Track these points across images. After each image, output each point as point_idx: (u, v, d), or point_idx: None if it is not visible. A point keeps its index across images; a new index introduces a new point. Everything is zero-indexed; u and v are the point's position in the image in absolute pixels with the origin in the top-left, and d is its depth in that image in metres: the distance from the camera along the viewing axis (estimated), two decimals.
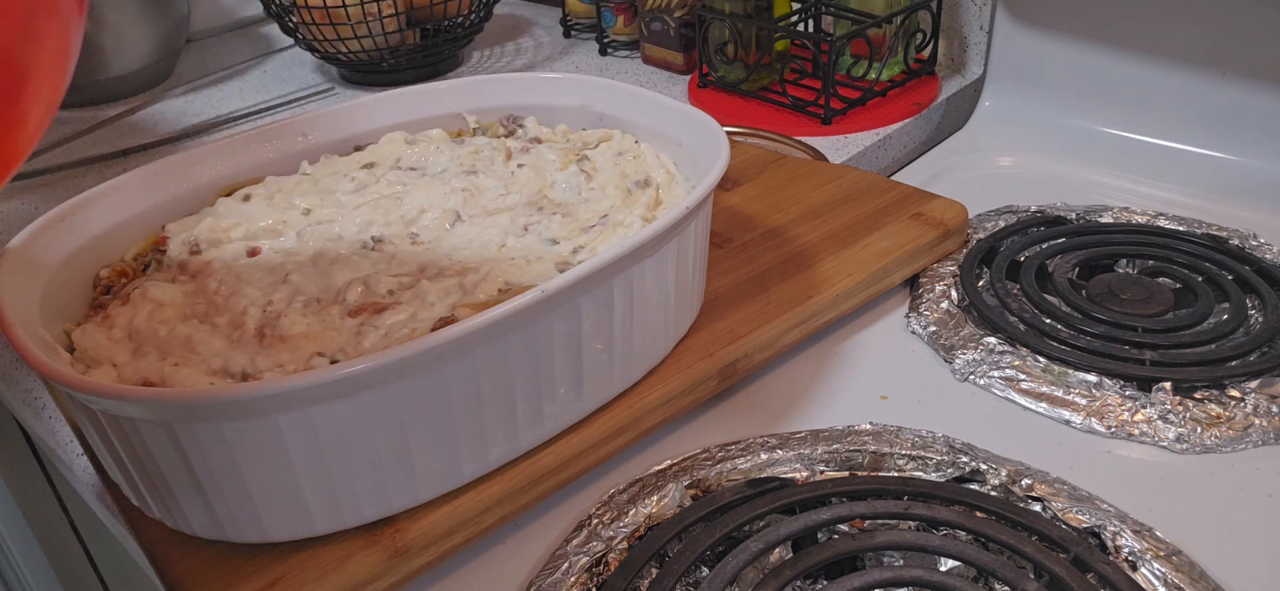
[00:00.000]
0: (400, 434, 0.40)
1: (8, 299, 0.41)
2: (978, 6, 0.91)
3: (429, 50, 1.02)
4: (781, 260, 0.59)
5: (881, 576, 0.41)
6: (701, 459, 0.48)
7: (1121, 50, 0.76)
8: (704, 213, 0.51)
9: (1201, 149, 0.74)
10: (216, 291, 0.45)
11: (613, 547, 0.44)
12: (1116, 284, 0.60)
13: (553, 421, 0.46)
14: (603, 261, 0.43)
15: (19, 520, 0.94)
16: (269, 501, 0.40)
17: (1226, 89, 0.72)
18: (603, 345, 0.46)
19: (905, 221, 0.63)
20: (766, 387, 0.55)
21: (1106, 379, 0.52)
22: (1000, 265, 0.62)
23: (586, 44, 1.11)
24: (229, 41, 1.20)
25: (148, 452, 0.39)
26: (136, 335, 0.43)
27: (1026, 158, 0.79)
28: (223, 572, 0.41)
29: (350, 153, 0.59)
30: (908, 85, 0.89)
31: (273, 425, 0.37)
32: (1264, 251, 0.63)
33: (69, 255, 0.48)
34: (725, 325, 0.54)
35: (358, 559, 0.41)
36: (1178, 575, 0.41)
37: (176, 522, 0.42)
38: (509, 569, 0.45)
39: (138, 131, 0.94)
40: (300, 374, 0.38)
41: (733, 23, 0.86)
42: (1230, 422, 0.49)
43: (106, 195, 0.50)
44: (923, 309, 0.59)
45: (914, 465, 0.48)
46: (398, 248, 0.49)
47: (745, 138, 0.79)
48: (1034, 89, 0.82)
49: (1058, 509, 0.44)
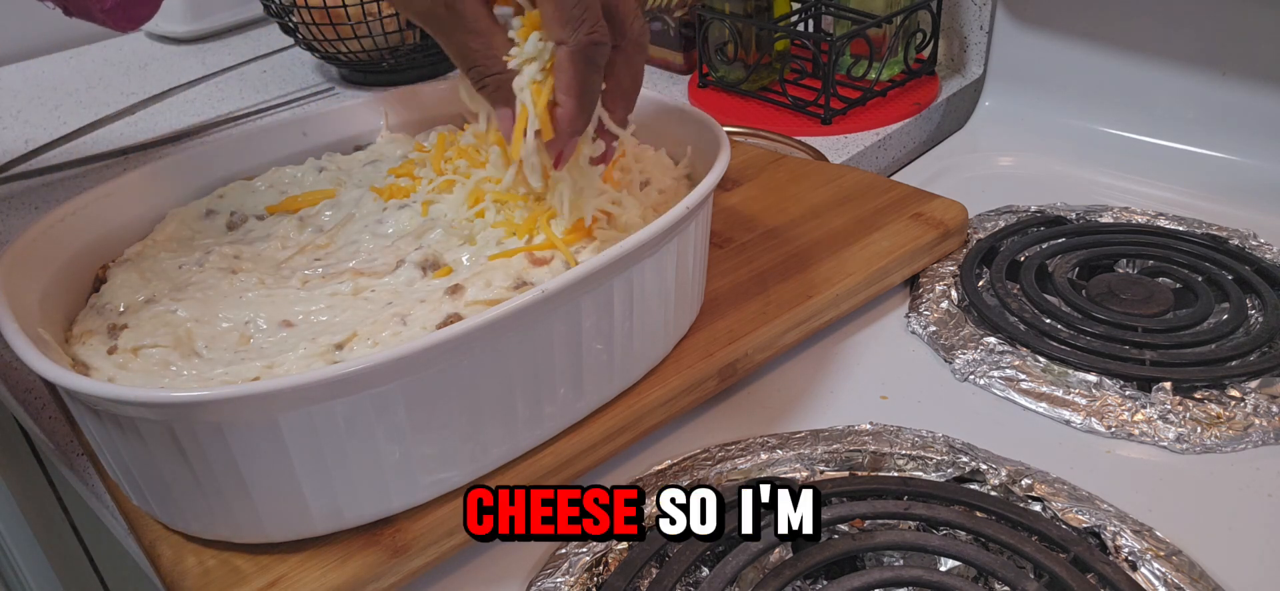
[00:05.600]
0: (400, 434, 0.40)
1: (8, 299, 0.41)
2: (978, 6, 0.91)
3: (429, 50, 1.02)
4: (781, 260, 0.59)
5: (881, 576, 0.41)
6: (701, 459, 0.48)
7: (1121, 50, 0.76)
8: (704, 213, 0.51)
9: (1201, 149, 0.74)
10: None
11: (612, 547, 0.44)
12: (1116, 284, 0.60)
13: (553, 421, 0.46)
14: (603, 261, 0.43)
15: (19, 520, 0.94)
16: (269, 501, 0.40)
17: (1226, 89, 0.72)
18: (603, 345, 0.46)
19: (905, 221, 0.63)
20: (766, 387, 0.55)
21: (1106, 379, 0.52)
22: (1000, 265, 0.62)
23: None
24: (229, 41, 1.20)
25: (148, 452, 0.39)
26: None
27: (1026, 158, 0.79)
28: (223, 572, 0.41)
29: (351, 152, 0.59)
30: (908, 85, 0.89)
31: (273, 425, 0.38)
32: (1264, 251, 0.63)
33: (69, 255, 0.48)
34: (725, 325, 0.54)
35: (358, 559, 0.41)
36: (1178, 575, 0.41)
37: (176, 522, 0.42)
38: (509, 569, 0.45)
39: (138, 131, 0.94)
40: (300, 374, 0.38)
41: (733, 23, 0.86)
42: (1230, 422, 0.49)
43: (107, 197, 0.50)
44: (923, 309, 0.59)
45: (914, 465, 0.48)
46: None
47: (745, 138, 0.79)
48: (1034, 89, 0.82)
49: (1058, 509, 0.44)
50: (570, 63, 0.43)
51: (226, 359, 0.42)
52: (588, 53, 0.43)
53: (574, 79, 0.44)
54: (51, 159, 0.89)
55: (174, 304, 0.45)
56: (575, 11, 0.42)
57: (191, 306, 0.45)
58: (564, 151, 0.46)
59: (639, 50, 0.47)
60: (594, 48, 0.43)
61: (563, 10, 0.42)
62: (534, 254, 0.47)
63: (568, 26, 0.43)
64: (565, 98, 0.44)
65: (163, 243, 0.51)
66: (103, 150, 0.90)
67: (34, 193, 0.83)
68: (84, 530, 0.91)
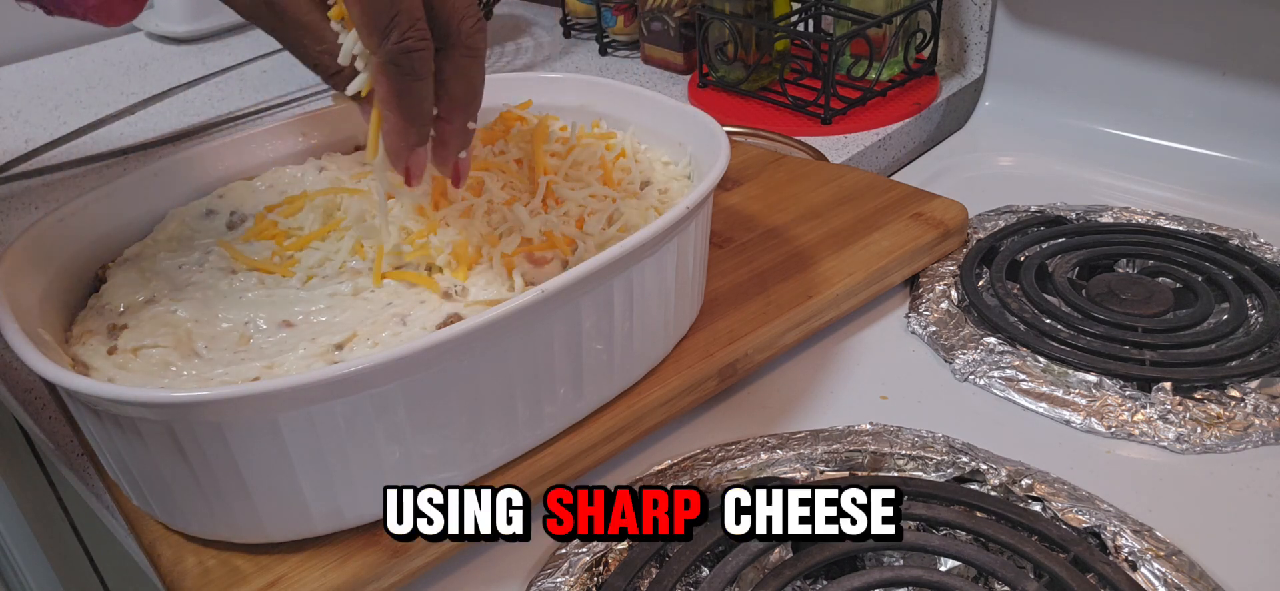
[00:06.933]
0: (400, 434, 0.40)
1: (8, 299, 0.41)
2: (978, 6, 0.91)
3: None
4: (781, 260, 0.59)
5: (881, 576, 0.41)
6: (701, 459, 0.48)
7: (1121, 50, 0.76)
8: (704, 212, 0.51)
9: (1201, 149, 0.74)
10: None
11: (613, 547, 0.44)
12: (1116, 284, 0.60)
13: (553, 421, 0.46)
14: (603, 261, 0.43)
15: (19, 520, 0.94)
16: (269, 501, 0.40)
17: (1226, 89, 0.72)
18: (603, 345, 0.46)
19: (905, 221, 0.63)
20: (766, 387, 0.55)
21: (1106, 379, 0.52)
22: (1000, 265, 0.62)
23: (586, 44, 1.11)
24: (229, 41, 1.20)
25: (148, 452, 0.39)
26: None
27: (1026, 158, 0.79)
28: (223, 572, 0.41)
29: (351, 152, 0.59)
30: (908, 85, 0.89)
31: (273, 425, 0.38)
32: (1264, 251, 0.63)
33: (69, 255, 0.48)
34: (725, 325, 0.54)
35: (358, 559, 0.41)
36: (1178, 575, 0.41)
37: (176, 522, 0.42)
38: (509, 569, 0.45)
39: (138, 131, 0.94)
40: (300, 374, 0.38)
41: (733, 23, 0.86)
42: (1230, 422, 0.49)
43: (107, 197, 0.50)
44: (923, 309, 0.59)
45: (914, 465, 0.48)
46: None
47: (745, 138, 0.79)
48: (1034, 89, 0.82)
49: (1058, 509, 0.44)
50: (382, 73, 0.39)
51: (226, 359, 0.42)
52: (401, 62, 0.38)
53: (390, 91, 0.39)
54: (51, 159, 0.89)
55: (174, 304, 0.45)
56: (384, 13, 0.37)
57: (191, 306, 0.45)
58: (410, 168, 0.42)
59: (470, 55, 0.42)
60: (408, 56, 0.38)
61: (369, 13, 0.37)
62: (534, 254, 0.47)
63: (376, 33, 0.38)
64: (386, 111, 0.40)
65: (163, 243, 0.51)
66: (103, 150, 0.90)
67: (34, 193, 0.83)
68: (84, 530, 0.91)
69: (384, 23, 0.37)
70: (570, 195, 0.51)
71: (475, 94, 0.43)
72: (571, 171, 0.54)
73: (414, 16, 0.38)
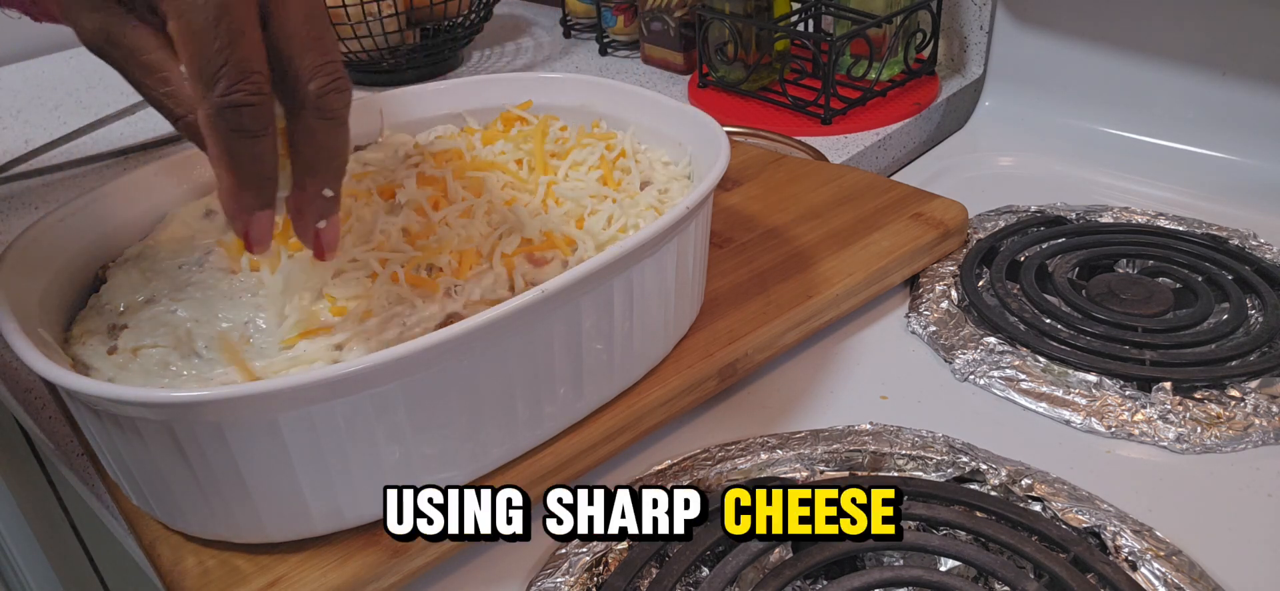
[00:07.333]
0: (400, 434, 0.40)
1: (8, 299, 0.41)
2: (978, 6, 0.91)
3: (429, 50, 1.02)
4: (781, 260, 0.59)
5: (881, 576, 0.41)
6: (701, 459, 0.48)
7: (1121, 50, 0.76)
8: (704, 212, 0.51)
9: (1201, 149, 0.74)
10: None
11: (612, 547, 0.44)
12: (1116, 284, 0.60)
13: (553, 421, 0.46)
14: (603, 261, 0.43)
15: (19, 520, 0.94)
16: (269, 501, 0.40)
17: (1226, 89, 0.72)
18: (603, 345, 0.46)
19: (905, 221, 0.63)
20: (766, 387, 0.55)
21: (1106, 379, 0.52)
22: (1000, 265, 0.62)
23: (586, 44, 1.11)
24: None
25: (148, 452, 0.39)
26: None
27: (1026, 158, 0.79)
28: (223, 572, 0.41)
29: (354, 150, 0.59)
30: (908, 85, 0.89)
31: (272, 425, 0.37)
32: (1264, 251, 0.63)
33: (69, 255, 0.48)
34: (725, 325, 0.54)
35: (358, 559, 0.41)
36: (1178, 575, 0.41)
37: (176, 522, 0.42)
38: (509, 569, 0.45)
39: (138, 131, 0.94)
40: (300, 373, 0.38)
41: (733, 23, 0.86)
42: (1230, 422, 0.49)
43: (106, 197, 0.50)
44: (923, 309, 0.59)
45: (914, 465, 0.48)
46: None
47: (745, 138, 0.79)
48: (1034, 89, 0.82)
49: (1058, 509, 0.44)
50: (208, 127, 0.34)
51: (227, 359, 0.42)
52: (227, 117, 0.33)
53: (218, 148, 0.34)
54: (51, 159, 0.89)
55: (174, 304, 0.45)
56: (212, 60, 0.32)
57: (191, 306, 0.45)
58: (250, 232, 0.37)
59: (321, 117, 0.36)
60: (236, 111, 0.33)
61: (196, 58, 0.33)
62: (534, 254, 0.47)
63: (202, 80, 0.33)
64: (216, 169, 0.35)
65: (163, 242, 0.51)
66: (103, 150, 0.90)
67: (34, 193, 0.83)
68: (84, 530, 0.91)
69: (212, 70, 0.32)
70: (570, 195, 0.51)
71: (330, 160, 0.37)
72: (571, 171, 0.54)
73: (246, 68, 0.33)
